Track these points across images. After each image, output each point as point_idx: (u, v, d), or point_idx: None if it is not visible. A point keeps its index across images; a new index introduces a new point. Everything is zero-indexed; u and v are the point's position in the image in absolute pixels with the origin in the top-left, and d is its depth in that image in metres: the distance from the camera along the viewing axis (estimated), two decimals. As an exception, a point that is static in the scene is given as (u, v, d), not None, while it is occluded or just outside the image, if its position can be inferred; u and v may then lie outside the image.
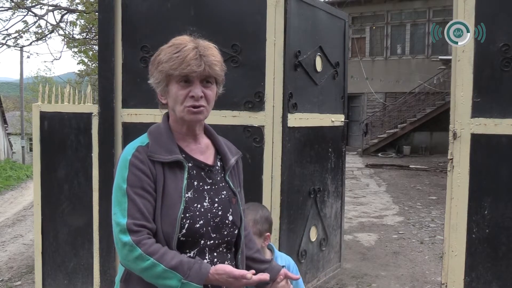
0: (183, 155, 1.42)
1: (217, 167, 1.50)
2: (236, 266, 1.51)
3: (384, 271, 4.80)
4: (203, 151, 1.49)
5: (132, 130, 3.53)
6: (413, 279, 4.57)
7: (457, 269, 2.82)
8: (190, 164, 1.42)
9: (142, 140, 1.43)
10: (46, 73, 38.33)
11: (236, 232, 1.50)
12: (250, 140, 3.32)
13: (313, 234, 3.95)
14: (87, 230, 3.77)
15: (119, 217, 1.32)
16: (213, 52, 1.40)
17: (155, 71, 1.41)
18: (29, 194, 11.44)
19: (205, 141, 1.52)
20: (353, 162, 14.70)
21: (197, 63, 1.34)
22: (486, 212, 2.76)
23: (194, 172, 1.43)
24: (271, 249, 2.20)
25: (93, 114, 3.68)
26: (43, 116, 3.87)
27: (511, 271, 2.73)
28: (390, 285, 4.42)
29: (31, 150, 8.87)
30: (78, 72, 14.15)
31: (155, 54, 1.43)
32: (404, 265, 4.99)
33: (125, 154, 1.39)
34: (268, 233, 2.12)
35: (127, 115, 3.59)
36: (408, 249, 5.63)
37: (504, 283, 2.74)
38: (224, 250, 1.47)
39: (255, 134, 3.34)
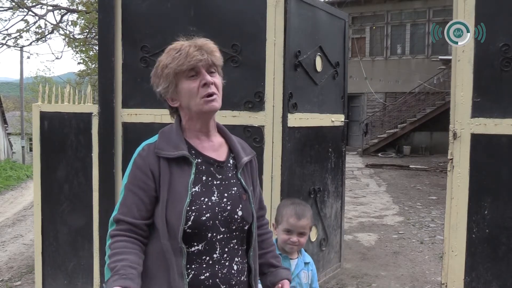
0: (193, 152, 1.48)
1: (229, 164, 1.54)
2: (248, 263, 1.55)
3: (384, 271, 4.80)
4: (216, 148, 1.54)
5: (132, 130, 3.54)
6: (413, 279, 4.57)
7: (457, 269, 2.82)
8: (199, 160, 1.48)
9: (153, 138, 1.51)
10: (45, 73, 38.36)
11: (246, 228, 1.53)
12: (250, 140, 3.31)
13: (313, 234, 3.95)
14: (87, 230, 3.77)
15: (114, 210, 1.45)
16: (209, 42, 1.50)
17: (161, 78, 1.48)
18: (29, 194, 11.44)
19: (218, 139, 1.58)
20: (353, 162, 14.70)
21: (199, 53, 1.44)
22: (486, 212, 2.76)
23: (203, 167, 1.48)
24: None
25: (93, 114, 3.68)
26: (43, 116, 3.87)
27: (511, 271, 2.72)
28: (390, 285, 4.42)
29: (31, 150, 8.87)
30: (78, 72, 14.11)
31: (154, 67, 1.51)
32: (404, 265, 4.99)
33: (135, 153, 1.49)
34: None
35: (127, 115, 3.58)
36: (408, 249, 5.63)
37: (504, 283, 2.74)
38: (236, 246, 1.50)
39: (255, 134, 3.34)
